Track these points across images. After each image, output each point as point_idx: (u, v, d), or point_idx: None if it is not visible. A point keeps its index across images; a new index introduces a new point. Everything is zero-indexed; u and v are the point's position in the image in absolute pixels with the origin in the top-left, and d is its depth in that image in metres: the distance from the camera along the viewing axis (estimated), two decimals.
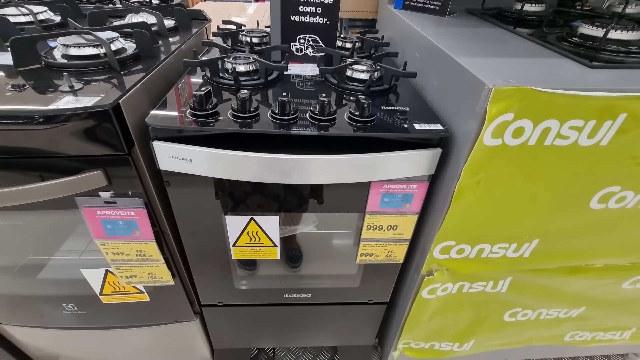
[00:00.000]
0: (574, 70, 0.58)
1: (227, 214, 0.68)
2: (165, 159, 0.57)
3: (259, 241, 0.74)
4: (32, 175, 0.58)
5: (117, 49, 0.69)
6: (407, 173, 0.62)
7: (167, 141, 0.56)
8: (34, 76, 0.61)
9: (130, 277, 0.76)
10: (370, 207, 0.69)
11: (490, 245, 0.72)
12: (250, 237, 0.72)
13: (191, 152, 0.56)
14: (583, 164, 0.58)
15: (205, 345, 1.04)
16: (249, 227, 0.71)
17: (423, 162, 0.61)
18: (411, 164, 0.61)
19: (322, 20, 0.79)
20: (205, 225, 0.70)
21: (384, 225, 0.72)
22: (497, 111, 0.50)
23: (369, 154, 0.58)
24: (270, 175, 0.58)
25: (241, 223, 0.70)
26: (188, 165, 0.58)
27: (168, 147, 0.56)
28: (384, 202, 0.68)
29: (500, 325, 0.96)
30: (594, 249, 0.76)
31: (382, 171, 0.61)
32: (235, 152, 0.56)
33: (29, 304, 0.86)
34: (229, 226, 0.69)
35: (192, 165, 0.58)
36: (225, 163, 0.57)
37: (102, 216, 0.64)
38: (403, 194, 0.67)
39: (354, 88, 0.71)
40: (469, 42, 0.72)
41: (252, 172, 0.58)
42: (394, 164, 0.60)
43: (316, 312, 0.95)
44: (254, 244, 0.74)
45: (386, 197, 0.67)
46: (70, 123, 0.52)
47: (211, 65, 0.69)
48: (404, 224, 0.73)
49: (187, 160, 0.57)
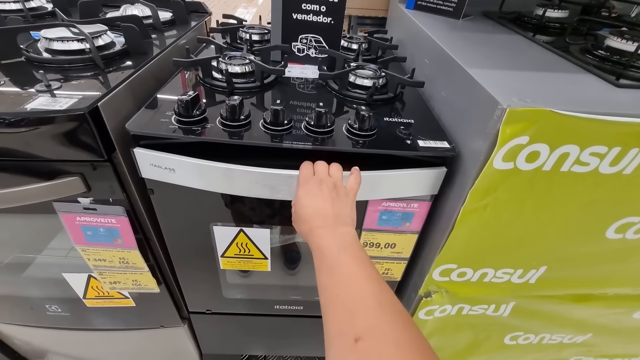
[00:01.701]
0: (598, 88, 0.53)
1: (215, 224, 0.64)
2: (147, 167, 0.53)
3: (248, 253, 0.70)
4: (8, 179, 0.54)
5: (105, 43, 0.64)
6: (409, 193, 0.58)
7: (149, 148, 0.52)
8: (12, 71, 0.57)
9: (114, 284, 0.73)
10: (368, 224, 0.64)
11: (494, 270, 0.67)
12: (240, 248, 0.69)
13: (175, 162, 0.52)
14: (602, 192, 0.53)
15: (194, 350, 1.02)
16: (238, 239, 0.67)
17: (426, 182, 0.56)
18: (413, 183, 0.56)
19: (326, 20, 0.73)
20: (192, 235, 0.66)
21: (382, 242, 0.68)
22: (510, 133, 0.45)
23: (367, 172, 0.53)
24: (260, 190, 0.54)
25: (230, 234, 0.66)
26: (171, 175, 0.54)
27: (150, 155, 0.52)
28: (382, 220, 0.64)
29: (500, 348, 0.92)
30: (606, 277, 0.71)
31: (381, 190, 0.57)
32: (222, 165, 0.52)
33: (14, 302, 0.84)
34: (217, 237, 0.66)
35: (175, 175, 0.53)
36: (211, 175, 0.53)
37: (82, 222, 0.60)
38: (403, 212, 0.63)
39: (356, 95, 0.66)
40: (483, 50, 0.66)
41: (240, 185, 0.54)
42: (394, 183, 0.56)
43: (308, 324, 0.91)
44: (243, 255, 0.70)
45: (384, 215, 0.63)
46: (44, 126, 0.48)
47: (203, 65, 0.64)
48: (402, 242, 0.68)
49: (170, 170, 0.53)
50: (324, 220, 0.45)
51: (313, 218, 0.46)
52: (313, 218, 0.46)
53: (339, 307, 0.36)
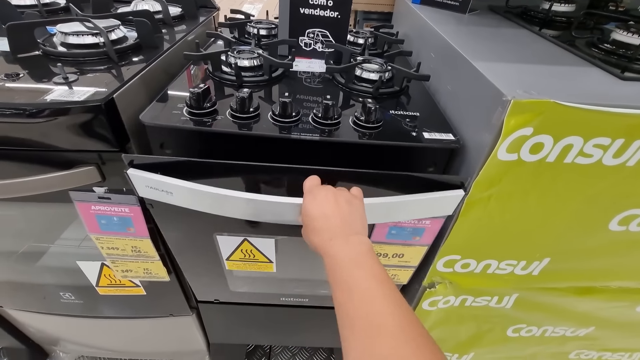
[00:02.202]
0: (603, 81, 0.53)
1: (219, 234, 0.64)
2: (143, 188, 0.51)
3: (254, 257, 0.70)
4: (26, 168, 0.56)
5: (117, 38, 0.66)
6: (423, 215, 0.57)
7: (144, 169, 0.49)
8: (31, 64, 0.59)
9: (126, 272, 0.75)
10: (376, 237, 0.63)
11: (498, 261, 0.68)
12: (245, 254, 0.69)
13: (172, 186, 0.50)
14: (606, 184, 0.54)
15: (202, 338, 1.04)
16: (243, 246, 0.67)
17: (442, 205, 0.55)
18: (429, 207, 0.55)
19: (333, 14, 0.74)
20: (196, 242, 0.67)
21: (389, 253, 0.68)
22: (515, 125, 0.46)
23: (383, 198, 0.51)
24: (263, 216, 0.53)
25: (234, 243, 0.66)
26: (169, 197, 0.51)
27: (145, 178, 0.49)
28: (391, 234, 0.63)
29: (502, 340, 0.93)
30: (609, 270, 0.72)
31: (397, 216, 0.55)
32: (222, 191, 0.50)
33: (28, 290, 0.87)
34: (221, 245, 0.66)
35: (174, 198, 0.51)
36: (210, 202, 0.51)
37: (97, 211, 0.62)
38: (414, 228, 0.62)
39: (363, 89, 0.67)
40: (488, 44, 0.67)
41: (241, 212, 0.52)
42: (410, 208, 0.54)
43: (313, 315, 0.93)
44: (248, 259, 0.70)
45: (394, 230, 0.62)
46: (62, 117, 0.49)
47: (213, 59, 0.65)
48: (411, 253, 0.68)
49: (167, 193, 0.51)
50: (334, 229, 0.43)
51: (323, 228, 0.44)
52: (323, 228, 0.44)
53: (358, 330, 0.34)
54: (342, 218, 0.44)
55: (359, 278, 0.38)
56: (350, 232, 0.43)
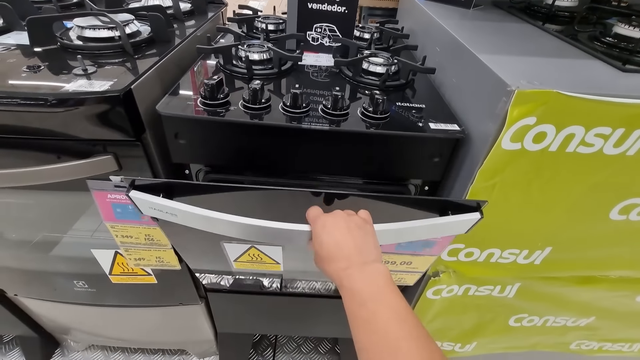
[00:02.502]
0: (605, 73, 0.55)
1: (226, 242, 0.64)
2: (147, 209, 0.49)
3: (261, 260, 0.71)
4: (46, 157, 0.58)
5: (131, 32, 0.68)
6: (435, 236, 0.57)
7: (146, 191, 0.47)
8: (49, 57, 0.61)
9: (139, 260, 0.78)
10: (385, 248, 0.63)
11: (501, 250, 0.70)
12: (252, 257, 0.70)
13: (175, 210, 0.47)
14: (606, 173, 0.55)
15: (210, 328, 1.07)
16: (250, 251, 0.69)
17: (457, 228, 0.53)
18: (444, 231, 0.53)
19: (340, 9, 0.76)
20: (202, 248, 0.68)
21: (397, 261, 0.68)
22: (518, 114, 0.47)
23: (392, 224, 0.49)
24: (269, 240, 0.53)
25: (241, 249, 0.67)
26: (174, 218, 0.49)
27: (148, 201, 0.47)
28: (401, 246, 0.63)
29: (504, 329, 0.95)
30: (610, 260, 0.73)
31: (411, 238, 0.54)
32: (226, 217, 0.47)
33: (42, 279, 0.89)
34: (229, 251, 0.67)
35: (178, 219, 0.49)
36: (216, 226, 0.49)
37: (113, 200, 0.64)
38: (424, 241, 0.62)
39: (370, 82, 0.69)
40: (493, 38, 0.69)
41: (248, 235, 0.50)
42: (425, 232, 0.52)
43: (319, 304, 0.95)
44: (256, 261, 0.72)
45: (404, 243, 0.62)
46: (82, 107, 0.52)
47: (224, 52, 0.67)
48: (420, 261, 0.68)
49: (172, 215, 0.48)
50: (348, 258, 0.41)
51: (336, 257, 0.42)
52: (336, 257, 0.42)
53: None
54: (356, 245, 0.42)
55: (381, 317, 0.36)
56: (367, 260, 0.41)
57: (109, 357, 1.18)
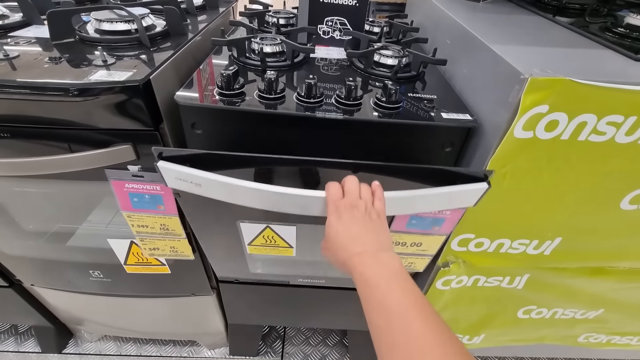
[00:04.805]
0: (617, 62, 0.55)
1: (242, 221, 0.66)
2: (172, 180, 0.52)
3: (275, 243, 0.73)
4: (66, 146, 0.60)
5: (147, 25, 0.70)
6: (445, 207, 0.58)
7: (173, 162, 0.50)
8: (69, 50, 0.63)
9: (154, 250, 0.79)
10: (396, 227, 0.66)
11: (511, 240, 0.71)
12: (266, 239, 0.72)
13: (201, 179, 0.50)
14: (618, 162, 0.56)
15: (220, 319, 1.08)
16: (265, 233, 0.70)
17: (465, 198, 0.55)
18: (451, 200, 0.55)
19: (351, 2, 0.77)
20: (219, 229, 0.70)
21: (408, 242, 0.70)
22: (531, 102, 0.48)
23: (402, 192, 0.51)
24: (289, 208, 0.54)
25: (256, 229, 0.69)
26: (198, 189, 0.52)
27: (175, 171, 0.50)
28: (411, 224, 0.65)
29: (513, 322, 0.95)
30: (620, 250, 0.74)
31: (416, 208, 0.56)
32: (250, 184, 0.50)
33: (58, 269, 0.91)
34: (244, 231, 0.69)
35: (202, 189, 0.52)
36: (238, 194, 0.52)
37: (130, 189, 0.66)
38: (434, 218, 0.64)
39: (381, 74, 0.70)
40: (504, 29, 0.69)
41: (269, 204, 0.53)
42: (432, 201, 0.54)
43: (329, 295, 0.97)
44: (270, 244, 0.74)
45: (414, 220, 0.64)
46: (103, 96, 0.53)
47: (238, 45, 0.69)
48: (430, 242, 0.70)
49: (196, 185, 0.52)
50: (362, 245, 0.42)
51: (350, 243, 0.43)
52: (350, 243, 0.43)
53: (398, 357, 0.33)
54: (370, 236, 0.43)
55: (395, 299, 0.37)
56: (380, 248, 0.42)
57: (121, 347, 1.21)
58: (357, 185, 0.49)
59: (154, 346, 1.21)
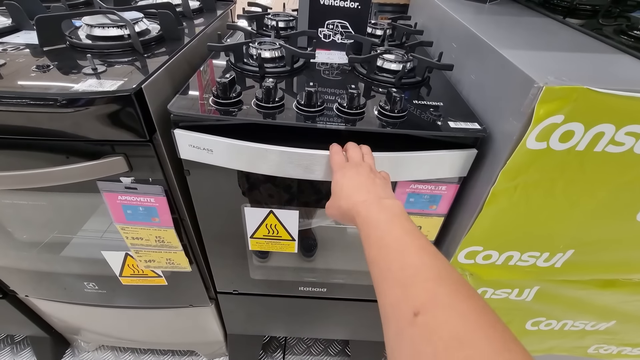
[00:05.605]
0: (636, 68, 0.52)
1: (246, 205, 0.66)
2: (186, 148, 0.56)
3: (277, 234, 0.72)
4: (55, 158, 0.57)
5: (141, 30, 0.67)
6: (438, 174, 0.58)
7: (188, 130, 0.54)
8: (59, 56, 0.60)
9: (149, 262, 0.77)
10: None
11: (520, 253, 0.68)
12: (269, 229, 0.71)
13: (213, 143, 0.54)
14: (635, 173, 0.53)
15: (220, 329, 1.06)
16: (268, 220, 0.69)
17: (455, 164, 0.57)
18: (443, 165, 0.57)
19: (353, 5, 0.74)
20: (224, 215, 0.69)
21: None
22: (545, 112, 0.45)
23: (396, 153, 0.54)
24: (293, 170, 0.55)
25: (260, 215, 0.68)
26: (209, 156, 0.56)
27: (190, 136, 0.54)
28: (410, 202, 0.65)
29: (520, 333, 0.92)
30: (634, 263, 0.71)
31: (409, 171, 0.58)
32: (257, 145, 0.53)
33: (53, 280, 0.89)
34: (248, 218, 0.68)
35: (213, 156, 0.56)
36: (246, 155, 0.55)
37: (123, 201, 0.63)
38: (430, 195, 0.64)
39: (384, 79, 0.67)
40: (513, 32, 0.66)
41: (274, 165, 0.56)
42: (424, 164, 0.57)
43: (330, 306, 0.94)
44: (272, 236, 0.72)
45: (412, 197, 0.64)
46: (92, 107, 0.50)
47: (235, 50, 0.66)
48: (428, 225, 0.70)
49: (208, 151, 0.55)
50: (367, 193, 0.43)
51: (355, 193, 0.44)
52: (355, 193, 0.44)
53: (393, 281, 0.33)
54: (375, 186, 0.45)
55: (393, 234, 0.38)
56: (384, 197, 0.43)
57: (119, 357, 1.18)
58: (359, 150, 0.51)
59: (152, 356, 1.19)
